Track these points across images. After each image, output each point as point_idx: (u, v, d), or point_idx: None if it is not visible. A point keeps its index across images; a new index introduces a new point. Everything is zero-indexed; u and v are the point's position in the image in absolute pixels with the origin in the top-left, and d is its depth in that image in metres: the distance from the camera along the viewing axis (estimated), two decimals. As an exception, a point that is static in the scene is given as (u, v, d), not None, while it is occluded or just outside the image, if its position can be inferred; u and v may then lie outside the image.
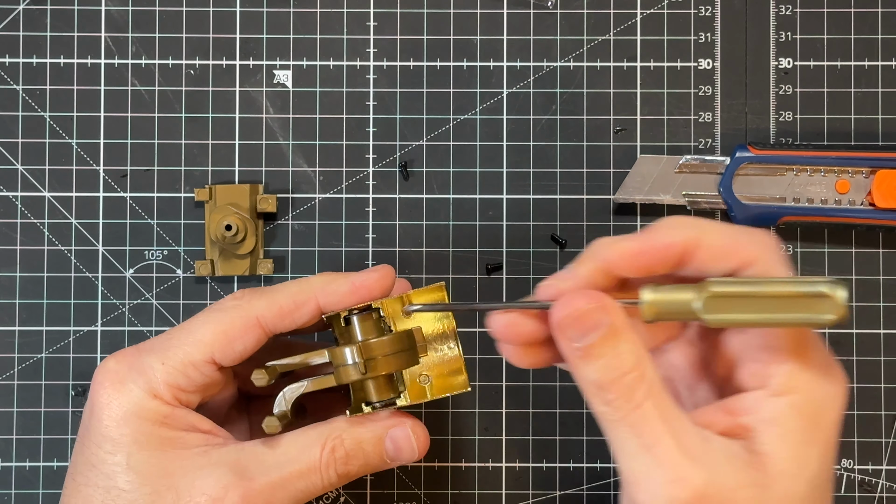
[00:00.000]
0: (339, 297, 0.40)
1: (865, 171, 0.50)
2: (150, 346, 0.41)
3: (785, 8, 0.53)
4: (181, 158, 0.52)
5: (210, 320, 0.40)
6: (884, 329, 0.52)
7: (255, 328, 0.40)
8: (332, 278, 0.41)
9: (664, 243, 0.35)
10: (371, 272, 0.41)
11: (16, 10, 0.53)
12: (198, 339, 0.40)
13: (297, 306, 0.40)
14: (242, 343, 0.40)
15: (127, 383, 0.40)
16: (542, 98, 0.53)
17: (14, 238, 0.52)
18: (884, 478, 0.51)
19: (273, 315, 0.40)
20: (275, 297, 0.40)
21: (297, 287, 0.41)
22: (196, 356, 0.40)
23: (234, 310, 0.40)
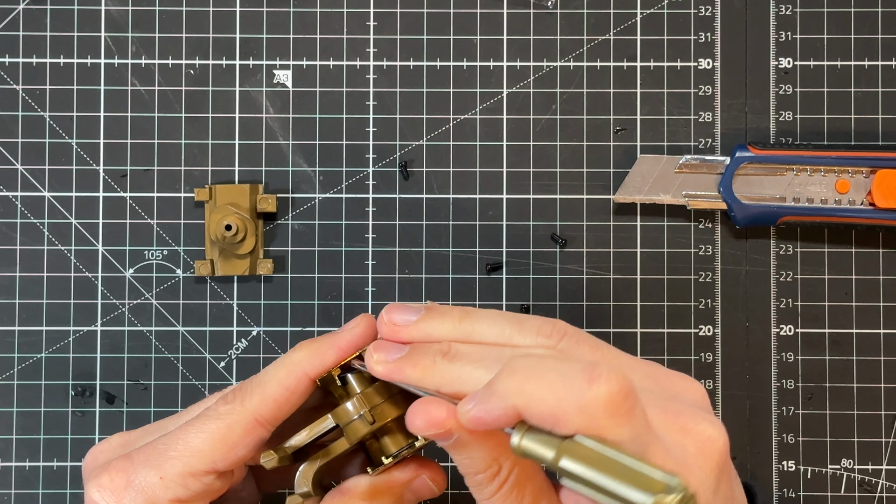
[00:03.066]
0: (329, 365, 0.39)
1: (865, 170, 0.50)
2: (142, 457, 0.39)
3: (785, 8, 0.53)
4: (181, 158, 0.52)
5: (206, 429, 0.38)
6: (884, 329, 0.52)
7: (256, 429, 0.39)
8: (315, 348, 0.39)
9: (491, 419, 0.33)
10: (353, 328, 0.39)
11: (16, 10, 0.53)
12: (196, 448, 0.38)
13: (290, 391, 0.39)
14: (245, 447, 0.39)
15: (125, 502, 0.38)
16: (542, 98, 0.53)
17: (14, 238, 0.52)
18: (884, 477, 0.51)
19: (270, 410, 0.38)
20: (266, 392, 0.39)
21: (283, 370, 0.39)
22: (196, 467, 0.38)
23: (230, 415, 0.38)
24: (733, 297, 0.52)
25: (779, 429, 0.52)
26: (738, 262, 0.52)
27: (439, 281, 0.52)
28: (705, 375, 0.52)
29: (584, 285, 0.52)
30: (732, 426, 0.52)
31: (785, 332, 0.52)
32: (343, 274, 0.52)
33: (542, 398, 0.31)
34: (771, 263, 0.52)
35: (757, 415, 0.52)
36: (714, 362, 0.52)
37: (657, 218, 0.52)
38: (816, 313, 0.52)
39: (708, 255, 0.52)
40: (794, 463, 0.52)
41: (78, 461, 0.52)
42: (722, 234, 0.52)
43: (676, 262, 0.52)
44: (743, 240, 0.52)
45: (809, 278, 0.52)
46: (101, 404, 0.52)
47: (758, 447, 0.52)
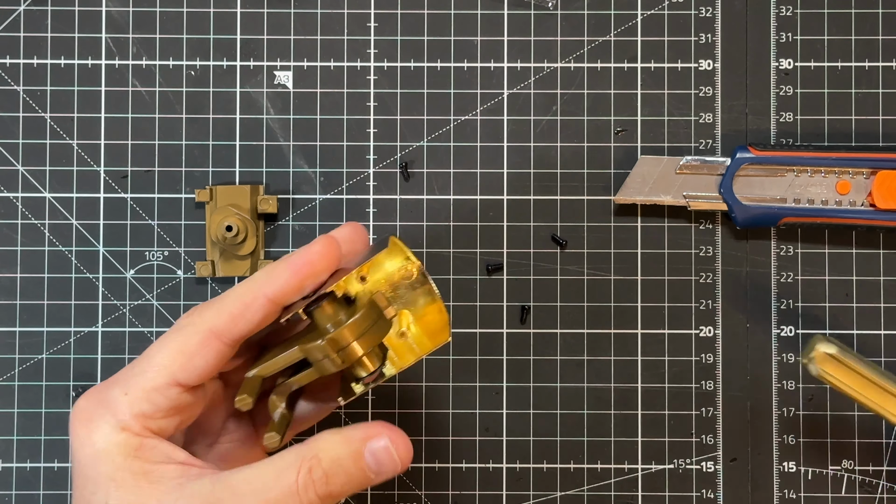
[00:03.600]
0: (283, 284, 0.39)
1: (866, 171, 0.50)
2: (115, 378, 0.40)
3: (785, 9, 0.53)
4: (182, 159, 0.52)
5: (167, 342, 0.39)
6: (884, 330, 0.52)
7: (211, 340, 0.39)
8: (272, 268, 0.40)
9: None
10: (310, 247, 0.40)
11: (16, 11, 0.53)
12: (157, 362, 0.39)
13: (246, 306, 0.39)
14: (203, 358, 0.39)
15: (95, 420, 0.38)
16: (543, 99, 0.53)
17: (15, 239, 0.52)
18: (884, 478, 0.51)
19: (224, 322, 0.39)
20: (223, 304, 0.39)
21: (243, 287, 0.39)
22: (158, 380, 0.38)
23: (188, 327, 0.39)
24: (734, 298, 0.52)
25: (779, 430, 0.52)
26: (738, 263, 0.52)
27: (440, 282, 0.52)
28: (706, 376, 0.52)
29: (584, 286, 0.52)
30: (733, 427, 0.52)
31: (786, 333, 0.52)
32: (344, 275, 0.52)
33: None
34: (771, 264, 0.52)
35: (758, 416, 0.52)
36: (715, 363, 0.52)
37: (658, 219, 0.52)
38: (817, 314, 0.52)
39: (708, 256, 0.52)
40: (795, 464, 0.52)
41: (79, 462, 0.52)
42: (722, 235, 0.52)
43: (677, 263, 0.52)
44: (743, 241, 0.52)
45: (810, 279, 0.52)
46: (102, 405, 0.52)
47: (759, 448, 0.52)
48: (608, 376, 0.52)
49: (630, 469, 0.52)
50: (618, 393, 0.52)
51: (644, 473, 0.52)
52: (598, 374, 0.52)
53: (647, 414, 0.52)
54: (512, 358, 0.52)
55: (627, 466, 0.52)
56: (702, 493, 0.52)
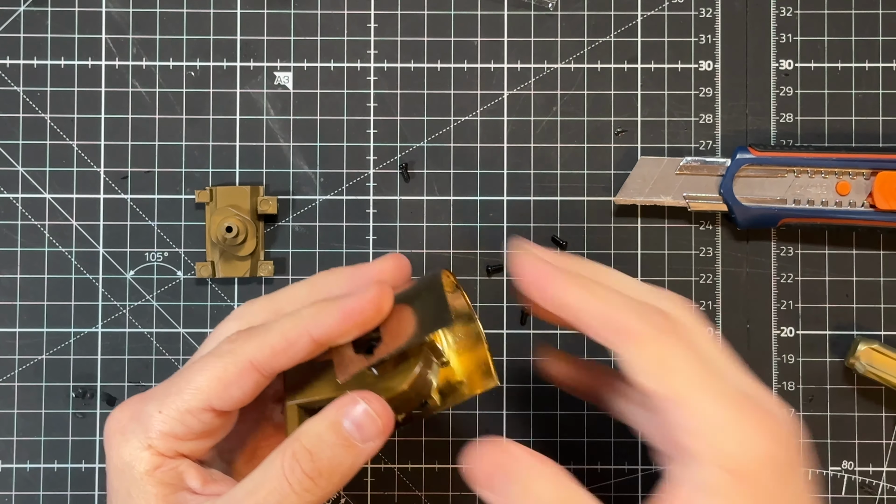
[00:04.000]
0: (331, 327, 0.39)
1: (866, 172, 0.50)
2: (153, 393, 0.40)
3: (785, 10, 0.53)
4: (182, 160, 0.52)
5: (207, 367, 0.39)
6: (884, 331, 0.52)
7: (251, 372, 0.39)
8: (321, 308, 0.39)
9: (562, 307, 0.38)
10: (363, 294, 0.39)
11: (16, 12, 0.53)
12: (195, 386, 0.39)
13: (290, 344, 0.39)
14: (240, 388, 0.39)
15: (126, 433, 0.39)
16: (543, 100, 0.53)
17: (15, 240, 0.52)
18: (884, 479, 0.51)
19: (266, 356, 0.38)
20: (266, 338, 0.39)
21: (290, 323, 0.39)
22: (193, 403, 0.38)
23: (228, 355, 0.39)
24: (734, 299, 0.52)
25: (779, 430, 0.52)
26: (738, 264, 0.52)
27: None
28: (706, 377, 0.52)
29: (584, 287, 0.52)
30: (733, 428, 0.52)
31: (786, 333, 0.52)
32: (344, 276, 0.52)
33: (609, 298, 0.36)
34: (771, 265, 0.52)
35: (757, 416, 0.52)
36: (715, 364, 0.52)
37: (658, 220, 0.52)
38: (817, 315, 0.52)
39: (709, 256, 0.52)
40: (795, 465, 0.52)
41: (78, 463, 0.52)
42: (722, 235, 0.52)
43: (677, 264, 0.52)
44: (744, 241, 0.52)
45: (810, 280, 0.52)
46: (102, 406, 0.52)
47: (758, 449, 0.52)
48: (608, 377, 0.52)
49: (630, 470, 0.52)
50: (618, 394, 0.52)
51: (644, 474, 0.52)
52: (599, 375, 0.52)
53: (648, 415, 0.52)
54: (512, 359, 0.52)
55: (627, 467, 0.52)
56: (702, 493, 0.52)
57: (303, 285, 0.42)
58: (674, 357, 0.35)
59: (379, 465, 0.52)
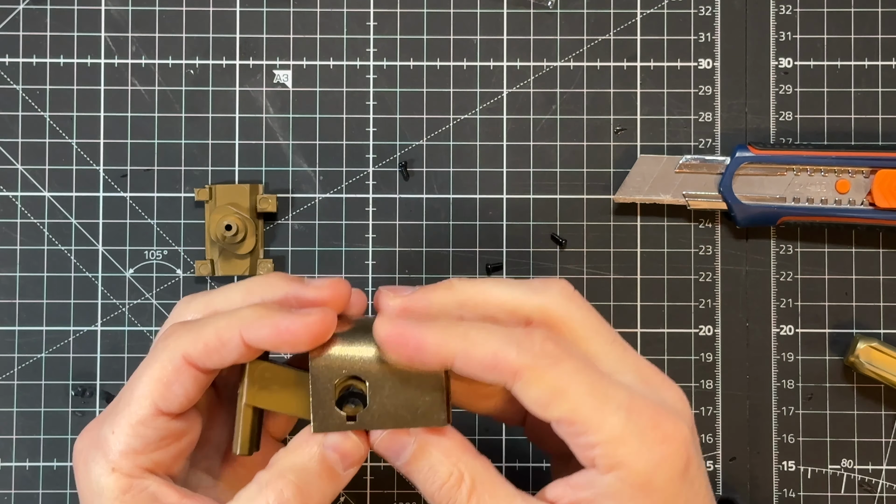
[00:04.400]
0: (261, 339, 0.37)
1: (865, 170, 0.50)
2: (105, 415, 0.39)
3: (785, 8, 0.53)
4: (181, 158, 0.52)
5: (145, 371, 0.38)
6: (884, 329, 0.52)
7: (187, 368, 0.37)
8: (257, 315, 0.37)
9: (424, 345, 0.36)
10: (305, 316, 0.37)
11: (16, 10, 0.53)
12: (138, 394, 0.37)
13: (223, 343, 0.37)
14: (181, 386, 0.37)
15: (89, 462, 0.38)
16: (542, 98, 0.53)
17: (14, 238, 0.52)
18: (884, 478, 0.51)
19: (199, 352, 0.37)
20: (200, 333, 0.37)
21: (224, 321, 0.37)
22: (141, 413, 0.37)
23: (163, 352, 0.37)
24: (733, 297, 0.52)
25: (779, 429, 0.52)
26: (738, 262, 0.52)
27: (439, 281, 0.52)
28: (705, 375, 0.52)
29: (584, 285, 0.52)
30: (732, 426, 0.52)
31: (785, 332, 0.52)
32: (343, 274, 0.52)
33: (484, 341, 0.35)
34: (771, 263, 0.52)
35: (757, 415, 0.52)
36: (714, 362, 0.52)
37: (657, 218, 0.52)
38: (816, 313, 0.52)
39: (708, 255, 0.52)
40: (795, 463, 0.52)
41: (78, 461, 0.52)
42: (722, 234, 0.52)
43: (676, 262, 0.52)
44: (743, 240, 0.52)
45: (809, 278, 0.52)
46: (102, 404, 0.52)
47: (758, 447, 0.52)
48: (608, 375, 0.52)
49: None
50: (617, 392, 0.52)
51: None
52: (598, 374, 0.52)
53: (647, 413, 0.52)
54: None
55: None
56: (701, 492, 0.52)
57: (239, 288, 0.40)
58: (562, 381, 0.35)
59: (378, 463, 0.52)
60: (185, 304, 0.40)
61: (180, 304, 0.41)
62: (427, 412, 0.37)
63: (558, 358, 0.35)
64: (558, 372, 0.35)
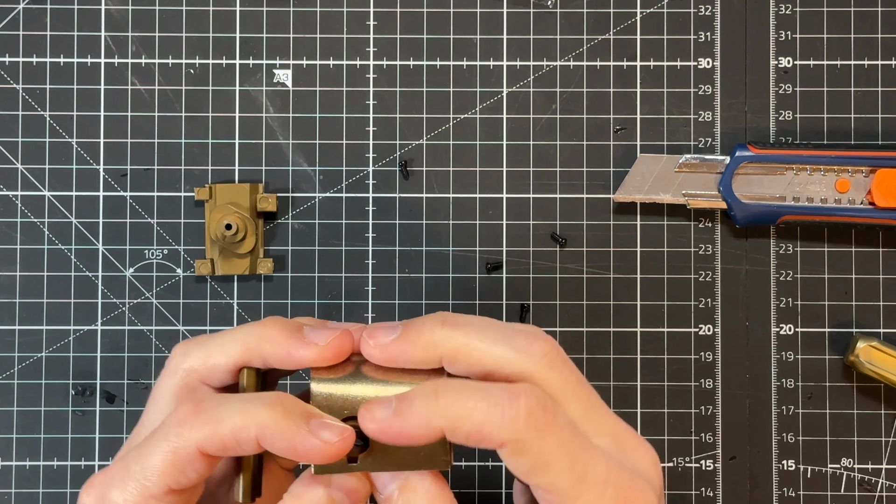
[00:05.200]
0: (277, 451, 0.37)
1: (865, 170, 0.50)
2: (114, 473, 0.38)
3: (785, 7, 0.53)
4: (181, 157, 0.52)
5: (160, 449, 0.37)
6: (883, 328, 0.52)
7: (202, 458, 0.37)
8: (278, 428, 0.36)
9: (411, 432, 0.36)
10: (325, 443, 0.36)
11: (16, 10, 0.53)
12: (151, 471, 0.37)
13: (239, 444, 0.37)
14: (195, 471, 0.37)
15: None
16: (542, 97, 0.53)
17: (14, 237, 0.52)
18: (883, 477, 0.52)
19: (215, 448, 0.37)
20: (216, 430, 0.37)
21: (242, 420, 0.37)
22: (154, 490, 0.37)
23: (177, 438, 0.37)
24: (733, 297, 0.52)
25: (779, 428, 0.52)
26: (737, 262, 0.52)
27: (439, 280, 0.52)
28: (705, 374, 0.52)
29: (583, 284, 0.52)
30: (732, 425, 0.52)
31: (785, 331, 0.52)
32: (343, 273, 0.52)
33: (468, 416, 0.35)
34: (771, 263, 0.52)
35: (757, 414, 0.52)
36: (714, 361, 0.52)
37: (657, 217, 0.52)
38: (816, 312, 0.52)
39: (708, 254, 0.52)
40: (794, 462, 0.52)
41: (78, 461, 0.52)
42: (722, 233, 0.52)
43: (676, 262, 0.52)
44: (743, 239, 0.52)
45: (809, 277, 0.52)
46: (102, 404, 0.52)
47: (758, 446, 0.52)
48: (607, 374, 0.52)
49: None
50: (617, 391, 0.52)
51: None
52: (598, 373, 0.52)
53: (647, 412, 0.52)
54: (511, 356, 0.52)
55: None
56: (701, 491, 0.52)
57: (236, 340, 0.40)
58: (544, 456, 0.36)
59: (378, 462, 0.52)
60: (180, 356, 0.40)
61: (176, 356, 0.40)
62: (430, 455, 0.37)
63: (543, 431, 0.36)
64: (541, 446, 0.35)
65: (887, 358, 0.50)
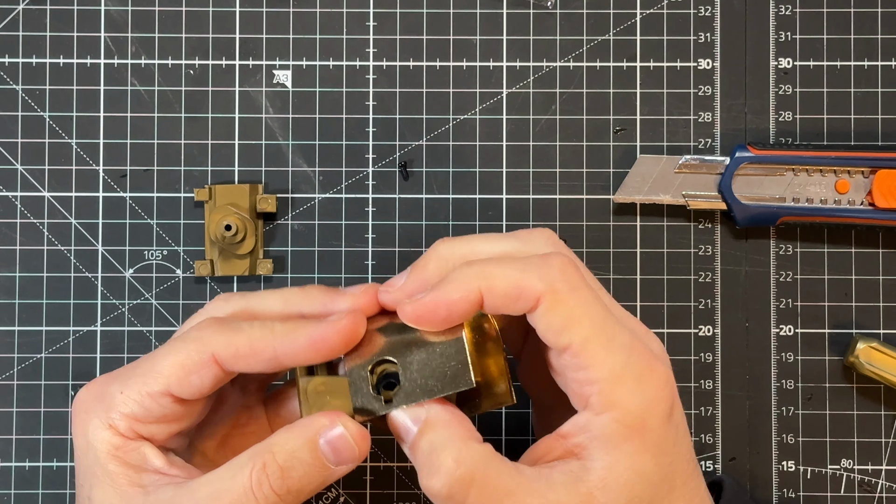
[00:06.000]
0: (296, 352, 0.38)
1: (865, 170, 0.50)
2: (117, 373, 0.40)
3: (785, 8, 0.53)
4: (181, 158, 0.52)
5: (171, 351, 0.39)
6: (883, 329, 0.52)
7: (212, 365, 0.38)
8: (291, 329, 0.38)
9: (451, 300, 0.37)
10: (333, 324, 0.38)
11: (15, 10, 0.53)
12: (157, 370, 0.38)
13: (254, 352, 0.38)
14: (199, 378, 0.38)
15: (89, 412, 0.39)
16: (542, 98, 0.53)
17: (14, 238, 0.52)
18: (883, 478, 0.51)
19: (229, 354, 0.38)
20: (234, 338, 0.38)
21: (259, 332, 0.38)
22: (153, 387, 0.38)
23: (193, 342, 0.38)
24: (733, 298, 0.52)
25: (778, 429, 0.52)
26: (737, 263, 0.52)
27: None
28: (705, 376, 0.52)
29: (583, 285, 0.52)
30: (732, 426, 0.52)
31: (785, 332, 0.52)
32: (343, 274, 0.52)
33: (504, 274, 0.36)
34: (771, 263, 0.52)
35: (757, 415, 0.52)
36: (714, 362, 0.52)
37: (657, 218, 0.52)
38: (816, 313, 0.52)
39: (708, 255, 0.52)
40: (794, 463, 0.52)
41: (78, 461, 0.52)
42: (721, 234, 0.52)
43: (676, 263, 0.52)
44: (743, 240, 0.52)
45: (809, 278, 0.52)
46: (101, 404, 0.52)
47: (757, 447, 0.52)
48: (607, 375, 0.52)
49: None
50: (617, 392, 0.52)
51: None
52: (598, 374, 0.52)
53: (647, 413, 0.52)
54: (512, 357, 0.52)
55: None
56: (701, 492, 0.52)
57: (276, 295, 0.41)
58: (578, 309, 0.37)
59: (378, 463, 0.52)
60: (222, 300, 0.42)
61: (218, 299, 0.42)
62: (454, 376, 0.38)
63: (576, 284, 0.37)
64: (576, 299, 0.36)
65: (887, 359, 0.50)
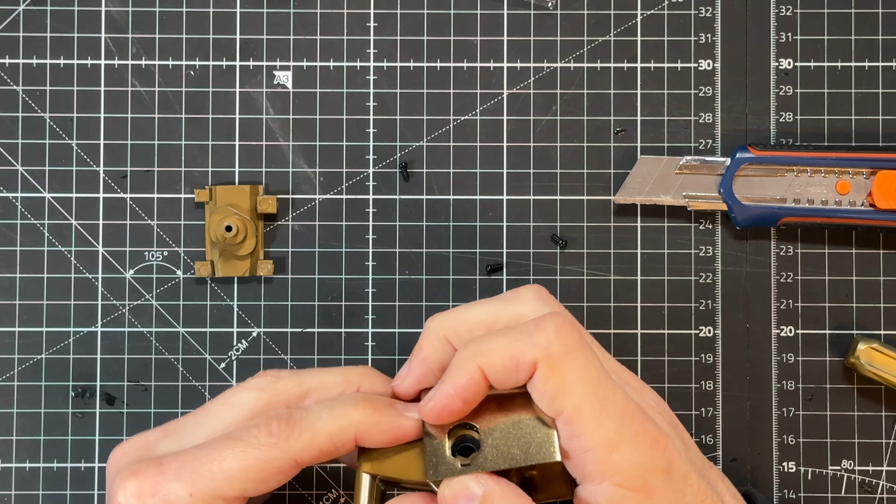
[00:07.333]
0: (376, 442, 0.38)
1: (866, 171, 0.50)
2: (173, 467, 0.38)
3: (785, 9, 0.53)
4: (181, 159, 0.52)
5: (245, 456, 0.37)
6: (884, 330, 0.52)
7: (294, 469, 0.38)
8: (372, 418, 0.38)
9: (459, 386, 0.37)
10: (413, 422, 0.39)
11: (16, 11, 0.53)
12: (231, 475, 0.37)
13: (336, 448, 0.38)
14: (278, 482, 0.38)
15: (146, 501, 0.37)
16: (543, 99, 0.53)
17: (14, 239, 0.52)
18: (884, 479, 0.51)
19: (312, 457, 0.38)
20: (313, 440, 0.38)
21: (338, 426, 0.38)
22: (228, 492, 0.37)
23: (271, 448, 0.37)
24: (734, 299, 0.52)
25: (779, 430, 0.52)
26: (738, 263, 0.52)
27: (440, 282, 0.52)
28: (706, 377, 0.52)
29: (584, 286, 0.52)
30: (733, 427, 0.52)
31: (785, 333, 0.52)
32: (343, 275, 0.52)
33: (498, 347, 0.36)
34: (771, 264, 0.52)
35: (757, 416, 0.52)
36: (714, 363, 0.52)
37: (657, 219, 0.52)
38: (817, 314, 0.52)
39: (708, 256, 0.52)
40: (795, 464, 0.52)
41: (78, 462, 0.52)
42: (722, 235, 0.52)
43: (677, 263, 0.52)
44: (743, 241, 0.52)
45: (810, 279, 0.52)
46: (102, 405, 0.52)
47: (758, 448, 0.52)
48: (608, 376, 0.52)
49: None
50: (617, 393, 0.52)
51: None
52: (598, 375, 0.52)
53: (647, 414, 0.52)
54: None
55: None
56: (701, 493, 0.52)
57: (335, 374, 0.42)
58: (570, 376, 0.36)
59: (378, 464, 0.52)
60: (273, 379, 0.41)
61: (269, 379, 0.41)
62: (539, 448, 0.38)
63: (572, 346, 0.37)
64: (571, 363, 0.36)
65: (888, 360, 0.50)
